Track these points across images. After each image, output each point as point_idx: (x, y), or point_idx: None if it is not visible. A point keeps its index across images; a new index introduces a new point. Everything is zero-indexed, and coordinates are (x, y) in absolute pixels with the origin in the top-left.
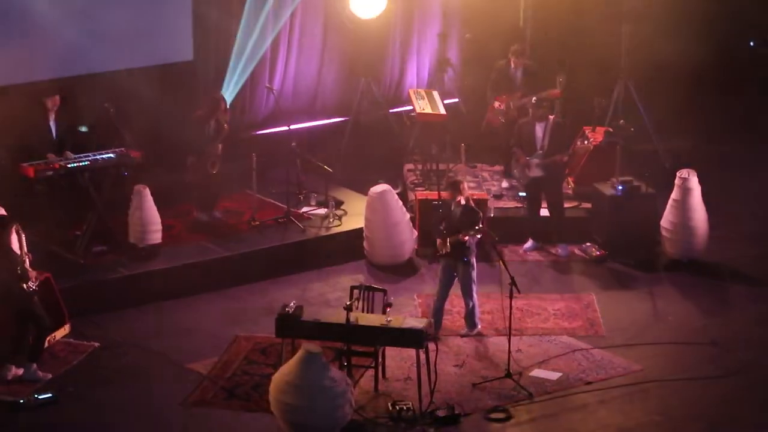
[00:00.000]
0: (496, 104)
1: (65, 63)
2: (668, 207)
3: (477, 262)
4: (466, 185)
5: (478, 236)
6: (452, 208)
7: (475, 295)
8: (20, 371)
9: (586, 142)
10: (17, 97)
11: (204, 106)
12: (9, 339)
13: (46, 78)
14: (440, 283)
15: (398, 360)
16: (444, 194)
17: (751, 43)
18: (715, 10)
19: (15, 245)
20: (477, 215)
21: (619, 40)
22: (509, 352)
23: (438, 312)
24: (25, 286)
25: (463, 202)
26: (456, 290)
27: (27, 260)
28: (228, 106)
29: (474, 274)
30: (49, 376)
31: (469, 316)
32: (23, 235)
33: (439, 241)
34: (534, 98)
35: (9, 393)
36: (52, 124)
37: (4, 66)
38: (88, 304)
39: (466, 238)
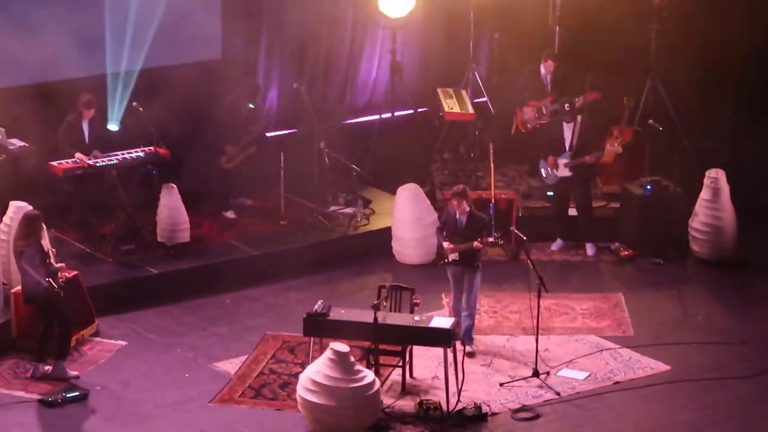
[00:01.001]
0: (527, 110)
1: (94, 61)
2: (697, 206)
3: (504, 262)
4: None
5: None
6: (457, 216)
7: (476, 307)
8: (49, 369)
9: (615, 144)
10: (48, 96)
11: (237, 91)
12: (37, 337)
13: (75, 76)
14: (454, 287)
15: (426, 359)
16: (456, 204)
17: None
18: (746, 5)
19: (44, 242)
20: (485, 221)
21: (648, 38)
22: (537, 351)
23: (459, 314)
24: (52, 282)
25: (467, 209)
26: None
27: (52, 257)
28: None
29: (480, 279)
30: (77, 373)
31: (468, 330)
32: (46, 233)
33: (447, 245)
34: (567, 105)
35: (38, 391)
36: (85, 128)
37: (34, 64)
38: (116, 302)
39: (481, 245)
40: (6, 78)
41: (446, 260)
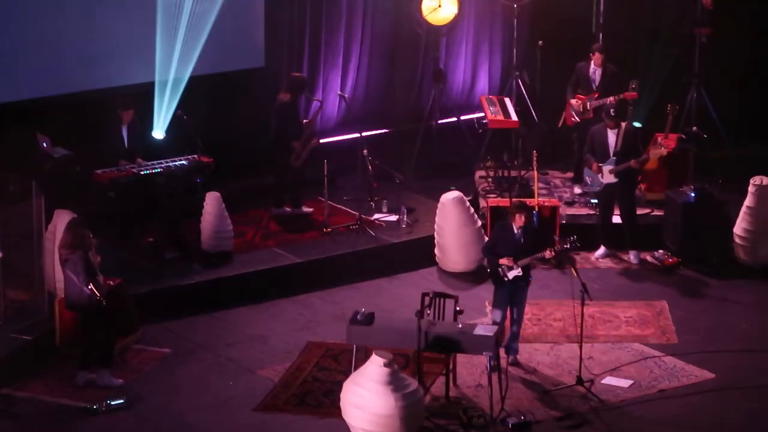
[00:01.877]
0: (574, 102)
1: (138, 70)
2: (741, 214)
3: (548, 269)
4: None
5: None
6: (515, 231)
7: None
8: (93, 376)
9: (660, 148)
10: (90, 104)
11: (289, 89)
12: (81, 345)
13: (118, 85)
14: (501, 306)
15: (469, 367)
16: (518, 218)
17: None
18: None
19: (89, 251)
20: (541, 234)
21: (692, 45)
22: (581, 359)
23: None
24: (94, 290)
25: (523, 223)
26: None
27: (96, 265)
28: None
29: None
30: (121, 381)
31: (515, 341)
32: (92, 240)
33: (507, 261)
34: (612, 109)
35: (83, 399)
36: (124, 133)
37: (76, 73)
38: (161, 310)
39: (554, 254)
40: (51, 86)
41: (507, 278)
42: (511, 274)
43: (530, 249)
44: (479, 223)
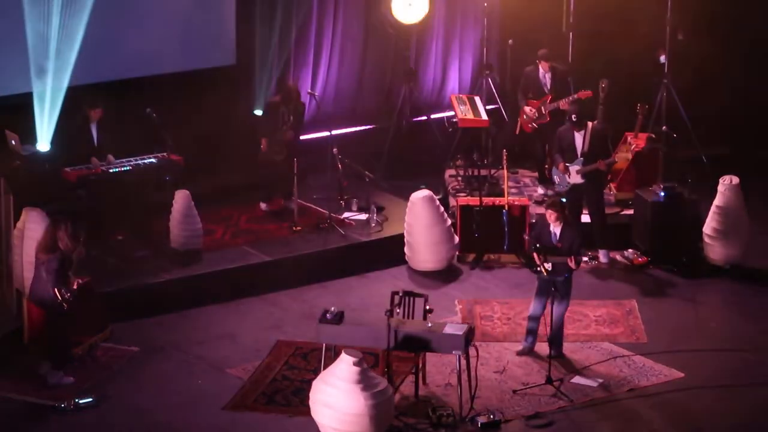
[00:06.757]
0: (527, 109)
1: (108, 67)
2: (711, 213)
3: (518, 269)
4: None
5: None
6: (551, 228)
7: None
8: (62, 375)
9: (627, 147)
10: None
11: (280, 93)
12: (46, 342)
13: (89, 82)
14: (537, 301)
15: (439, 366)
16: (548, 215)
17: None
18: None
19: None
20: (578, 234)
21: (662, 46)
22: (550, 358)
23: (536, 319)
24: (57, 293)
25: (562, 221)
26: (491, 294)
27: (74, 261)
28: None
29: (571, 288)
30: (72, 379)
31: (556, 335)
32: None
33: (536, 255)
34: (573, 115)
35: (51, 397)
36: (93, 130)
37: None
38: (129, 308)
39: (573, 265)
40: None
41: (537, 270)
42: (544, 269)
43: (564, 248)
44: (449, 221)
